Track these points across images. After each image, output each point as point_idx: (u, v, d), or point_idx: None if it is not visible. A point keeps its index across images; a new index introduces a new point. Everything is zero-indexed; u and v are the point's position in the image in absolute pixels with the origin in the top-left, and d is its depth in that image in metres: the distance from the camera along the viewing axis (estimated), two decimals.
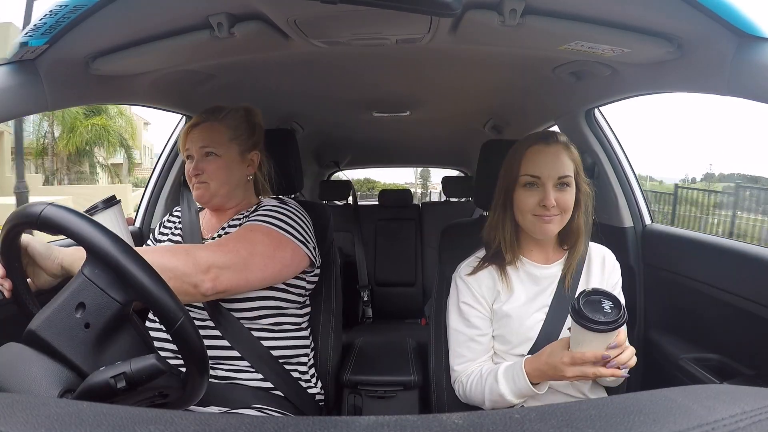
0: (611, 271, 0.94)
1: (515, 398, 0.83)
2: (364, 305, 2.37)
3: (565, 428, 0.27)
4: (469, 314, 0.93)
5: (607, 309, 0.71)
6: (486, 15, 0.73)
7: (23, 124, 7.26)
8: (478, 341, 0.91)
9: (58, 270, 0.67)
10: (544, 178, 0.85)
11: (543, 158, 0.86)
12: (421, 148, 2.66)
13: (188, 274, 0.71)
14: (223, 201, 0.98)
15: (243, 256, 0.80)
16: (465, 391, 0.91)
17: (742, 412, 0.27)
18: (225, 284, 0.75)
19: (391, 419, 0.28)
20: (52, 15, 0.67)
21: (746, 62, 0.66)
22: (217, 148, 0.95)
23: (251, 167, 1.01)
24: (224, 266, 0.75)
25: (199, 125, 0.97)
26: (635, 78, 0.95)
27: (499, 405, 0.85)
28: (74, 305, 0.52)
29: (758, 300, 0.87)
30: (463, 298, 0.94)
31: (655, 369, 1.18)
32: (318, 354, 1.09)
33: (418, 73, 1.23)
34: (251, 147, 1.01)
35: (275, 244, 0.87)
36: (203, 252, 0.76)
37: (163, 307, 0.53)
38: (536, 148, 0.87)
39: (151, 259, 0.66)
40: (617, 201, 1.30)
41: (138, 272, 0.52)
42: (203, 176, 0.95)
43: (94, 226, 0.53)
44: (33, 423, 0.27)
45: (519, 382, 0.81)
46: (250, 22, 0.77)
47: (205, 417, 0.29)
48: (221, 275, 0.75)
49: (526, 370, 0.81)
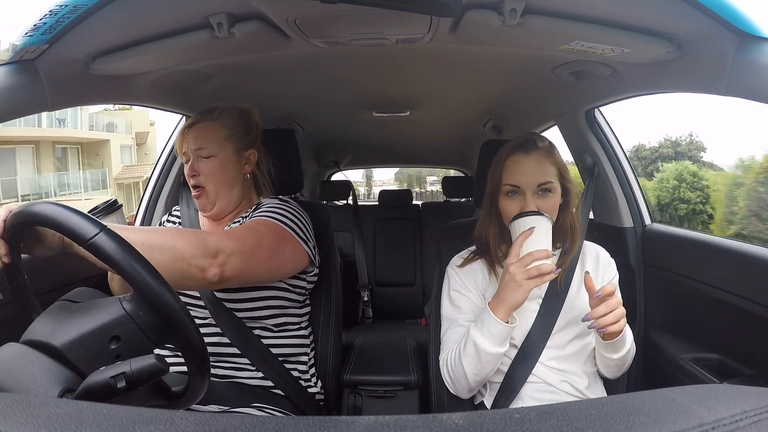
0: (605, 268, 0.95)
1: (488, 343, 0.81)
2: (364, 305, 2.37)
3: (565, 428, 0.27)
4: (458, 301, 0.94)
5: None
6: (486, 15, 0.73)
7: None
8: (465, 326, 0.91)
9: (58, 244, 0.65)
10: (523, 186, 0.87)
11: (521, 167, 0.88)
12: (421, 148, 2.66)
13: (196, 256, 0.70)
14: (223, 206, 0.98)
15: (250, 245, 0.79)
16: (448, 367, 0.90)
17: (742, 412, 0.27)
18: (231, 271, 0.74)
19: (391, 419, 0.28)
20: (52, 15, 0.66)
21: (746, 62, 0.66)
22: (211, 148, 0.95)
23: (248, 165, 1.01)
24: (232, 253, 0.74)
25: (193, 126, 0.97)
26: (635, 78, 0.95)
27: (477, 367, 0.84)
28: (109, 336, 0.51)
29: (758, 300, 0.88)
30: (453, 286, 0.96)
31: (655, 369, 1.18)
32: (318, 354, 1.09)
33: (418, 73, 1.23)
34: (247, 145, 1.00)
35: (279, 238, 0.87)
36: (212, 237, 0.75)
37: (194, 351, 0.53)
38: (515, 157, 0.89)
39: (160, 239, 0.66)
40: (617, 201, 1.30)
41: (185, 324, 0.52)
42: (200, 179, 0.95)
43: (148, 268, 0.51)
44: (33, 423, 0.27)
45: (486, 321, 0.81)
46: (250, 22, 0.77)
47: (205, 417, 0.29)
48: (229, 261, 0.74)
49: (489, 307, 0.82)
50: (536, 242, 0.79)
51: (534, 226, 0.79)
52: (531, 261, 0.77)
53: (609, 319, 0.76)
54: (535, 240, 0.79)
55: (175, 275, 0.67)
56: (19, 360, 0.50)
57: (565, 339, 0.89)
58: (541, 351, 0.88)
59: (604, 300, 0.77)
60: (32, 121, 12.51)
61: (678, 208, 9.51)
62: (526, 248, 0.79)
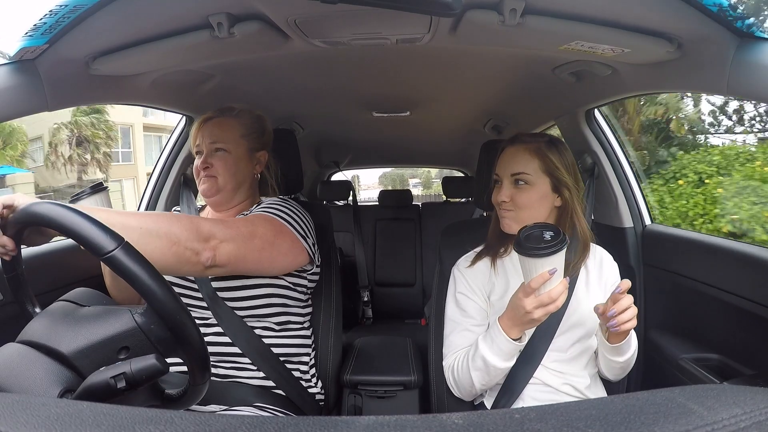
0: (609, 270, 0.95)
1: (497, 359, 0.82)
2: (364, 305, 2.37)
3: (565, 428, 0.27)
4: (465, 304, 0.94)
5: (548, 238, 0.71)
6: (486, 15, 0.72)
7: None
8: (472, 330, 0.93)
9: (55, 233, 0.66)
10: (501, 175, 0.92)
11: (503, 157, 0.93)
12: (421, 148, 2.66)
13: (190, 239, 0.71)
14: (228, 197, 0.99)
15: (243, 233, 0.80)
16: (454, 375, 0.91)
17: (742, 412, 0.27)
18: (224, 256, 0.76)
19: (391, 419, 0.28)
20: (52, 15, 0.66)
21: (746, 62, 0.66)
22: (227, 144, 0.96)
23: (259, 166, 1.03)
24: (224, 239, 0.76)
25: (211, 120, 0.99)
26: (635, 78, 0.95)
27: (485, 379, 0.85)
28: (119, 347, 0.52)
29: (758, 300, 0.87)
30: (459, 289, 0.96)
31: (655, 369, 1.18)
32: (318, 354, 1.09)
33: (418, 73, 1.23)
34: (260, 147, 1.02)
35: (276, 230, 0.87)
36: (206, 222, 0.77)
37: (200, 365, 0.54)
38: (502, 149, 0.95)
39: (157, 224, 0.67)
40: (617, 201, 1.30)
41: (195, 341, 0.53)
42: (211, 170, 0.96)
43: (165, 286, 0.51)
44: (33, 423, 0.27)
45: (497, 338, 0.81)
46: (250, 22, 0.77)
47: (205, 417, 0.29)
48: (221, 247, 0.75)
49: (500, 325, 0.81)
50: (554, 277, 0.72)
51: (555, 268, 0.71)
52: (550, 302, 0.72)
53: (626, 315, 0.75)
54: (541, 271, 0.72)
55: (171, 259, 0.68)
56: (19, 360, 0.50)
57: (568, 342, 0.89)
58: (544, 354, 0.88)
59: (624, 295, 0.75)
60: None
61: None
62: (542, 287, 0.73)
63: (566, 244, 0.71)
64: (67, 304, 0.57)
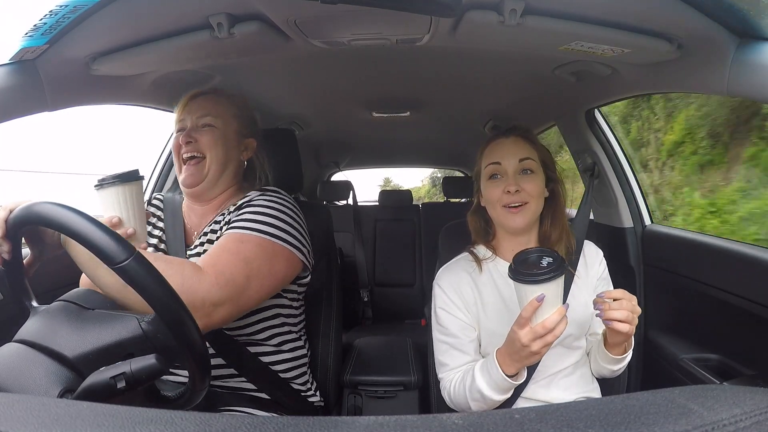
0: (593, 264, 0.93)
1: (494, 393, 0.78)
2: (363, 306, 2.37)
3: (565, 428, 0.27)
4: (446, 321, 0.90)
5: (545, 264, 0.67)
6: (486, 15, 0.72)
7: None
8: (458, 349, 0.89)
9: (57, 240, 0.64)
10: (505, 164, 0.88)
11: (501, 147, 0.90)
12: (421, 148, 2.66)
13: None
14: (211, 183, 0.90)
15: (239, 284, 0.72)
16: (451, 398, 0.89)
17: (742, 412, 0.27)
18: (218, 319, 0.70)
19: (391, 419, 0.28)
20: (52, 15, 0.66)
21: (746, 62, 0.66)
22: (216, 119, 0.90)
23: (246, 153, 0.96)
24: (219, 302, 0.69)
25: (202, 95, 0.93)
26: (635, 78, 0.95)
27: (484, 408, 0.82)
28: (124, 353, 0.52)
29: (758, 300, 0.88)
30: (439, 304, 0.92)
31: (655, 369, 1.18)
32: (318, 355, 1.09)
33: (418, 73, 1.23)
34: (249, 134, 0.96)
35: (270, 256, 0.79)
36: (199, 285, 0.68)
37: (202, 374, 0.55)
38: (495, 141, 0.92)
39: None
40: (617, 201, 1.30)
41: (201, 352, 0.53)
42: (197, 146, 0.87)
43: (176, 298, 0.51)
44: (33, 423, 0.27)
45: (493, 373, 0.77)
46: (250, 22, 0.77)
47: (205, 417, 0.29)
48: (215, 312, 0.69)
49: (497, 359, 0.77)
50: (549, 305, 0.67)
51: (543, 294, 0.66)
52: (545, 332, 0.67)
53: (619, 314, 0.75)
54: (546, 306, 0.67)
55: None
56: (19, 360, 0.50)
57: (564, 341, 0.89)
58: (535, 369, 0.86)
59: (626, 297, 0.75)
60: None
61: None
62: (537, 316, 0.68)
63: (563, 271, 0.66)
64: (69, 305, 0.57)
